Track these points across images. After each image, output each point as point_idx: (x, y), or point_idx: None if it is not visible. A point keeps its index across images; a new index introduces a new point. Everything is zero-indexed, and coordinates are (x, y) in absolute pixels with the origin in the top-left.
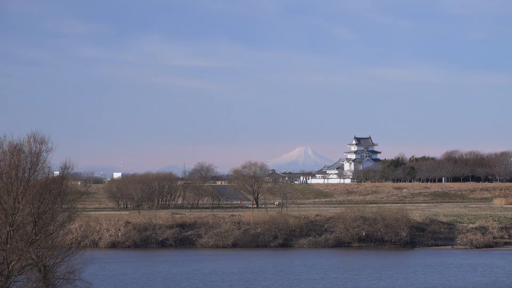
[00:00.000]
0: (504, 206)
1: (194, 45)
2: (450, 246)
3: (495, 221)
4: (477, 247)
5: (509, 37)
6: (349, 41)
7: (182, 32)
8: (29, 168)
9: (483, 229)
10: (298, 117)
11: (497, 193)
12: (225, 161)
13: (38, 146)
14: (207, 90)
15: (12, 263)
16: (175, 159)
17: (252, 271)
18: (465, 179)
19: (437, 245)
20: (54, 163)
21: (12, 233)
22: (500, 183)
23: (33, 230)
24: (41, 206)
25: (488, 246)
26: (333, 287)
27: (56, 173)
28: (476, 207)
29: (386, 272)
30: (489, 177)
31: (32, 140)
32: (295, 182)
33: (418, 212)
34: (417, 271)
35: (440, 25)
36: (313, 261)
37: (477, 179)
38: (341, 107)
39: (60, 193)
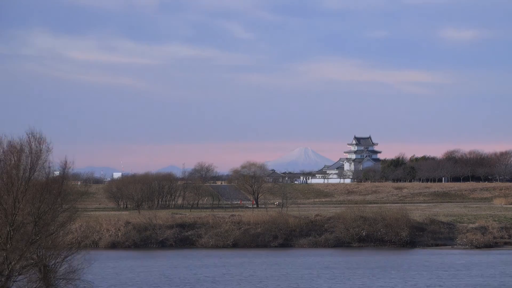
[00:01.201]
0: (504, 206)
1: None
2: (450, 246)
3: (495, 221)
4: (477, 247)
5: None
6: (248, 39)
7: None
8: (30, 168)
9: (483, 229)
10: (298, 117)
11: (497, 193)
12: (225, 161)
13: (38, 145)
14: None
15: (13, 263)
16: (174, 159)
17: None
18: (465, 179)
19: (437, 245)
20: (53, 163)
21: (12, 233)
22: (501, 183)
23: (34, 230)
24: (42, 206)
25: (488, 246)
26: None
27: (56, 173)
28: (476, 207)
29: (383, 271)
30: (489, 177)
31: (32, 139)
32: (295, 182)
33: (418, 212)
34: (416, 270)
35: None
36: (313, 260)
37: (477, 179)
38: (341, 107)
39: (61, 192)
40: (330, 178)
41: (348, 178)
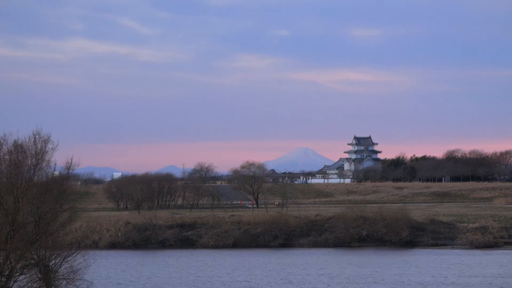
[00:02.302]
0: (505, 206)
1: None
2: (451, 246)
3: (495, 221)
4: (477, 247)
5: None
6: (152, 35)
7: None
8: (33, 167)
9: (483, 229)
10: (298, 117)
11: (498, 193)
12: (225, 161)
13: (42, 144)
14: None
15: (13, 263)
16: (174, 158)
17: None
18: (466, 179)
19: (438, 245)
20: (56, 162)
21: (12, 233)
22: (501, 183)
23: (34, 230)
24: (43, 206)
25: (488, 246)
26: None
27: (56, 173)
28: (477, 207)
29: (383, 270)
30: (490, 177)
31: (37, 138)
32: (295, 182)
33: (419, 212)
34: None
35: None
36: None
37: (477, 179)
38: (341, 107)
39: (62, 192)
40: (330, 178)
41: (348, 178)
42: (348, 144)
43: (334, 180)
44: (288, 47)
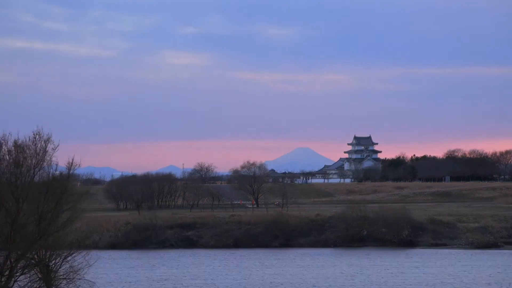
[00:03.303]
0: (507, 205)
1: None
2: (451, 246)
3: (495, 221)
4: (479, 247)
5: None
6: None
7: None
8: (34, 167)
9: (485, 229)
10: (298, 117)
11: (500, 193)
12: (225, 161)
13: (43, 144)
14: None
15: (14, 263)
16: (174, 158)
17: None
18: (467, 178)
19: (438, 245)
20: (58, 163)
21: (14, 233)
22: (503, 183)
23: (36, 230)
24: (44, 206)
25: (490, 246)
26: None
27: (57, 173)
28: (478, 206)
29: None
30: (492, 176)
31: (38, 137)
32: (296, 182)
33: (419, 212)
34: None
35: None
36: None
37: (478, 178)
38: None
39: (63, 192)
40: (330, 178)
41: (348, 178)
42: (348, 144)
43: (334, 180)
44: (206, 44)
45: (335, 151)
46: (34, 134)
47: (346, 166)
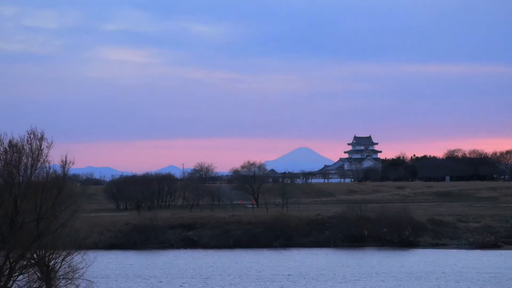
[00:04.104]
0: (509, 205)
1: None
2: (452, 246)
3: (495, 220)
4: (479, 247)
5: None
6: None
7: None
8: (31, 166)
9: (487, 229)
10: (298, 117)
11: (500, 193)
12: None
13: (38, 142)
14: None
15: (13, 262)
16: (174, 159)
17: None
18: (468, 178)
19: (439, 245)
20: (53, 161)
21: (13, 233)
22: (503, 183)
23: (35, 229)
24: (43, 205)
25: (490, 246)
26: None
27: (53, 171)
28: (480, 206)
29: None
30: (492, 176)
31: (32, 136)
32: (296, 181)
33: (420, 212)
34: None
35: None
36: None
37: (481, 178)
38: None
39: (60, 191)
40: (331, 178)
41: (349, 178)
42: (348, 144)
43: (334, 180)
44: (141, 42)
45: (335, 151)
46: (28, 133)
47: (346, 166)
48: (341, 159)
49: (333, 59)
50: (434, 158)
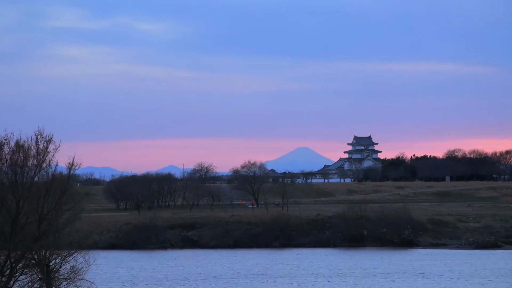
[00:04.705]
0: (509, 205)
1: None
2: (452, 246)
3: (495, 220)
4: (479, 247)
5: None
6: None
7: None
8: (36, 167)
9: (487, 229)
10: (298, 117)
11: (500, 193)
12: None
13: (45, 144)
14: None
15: (14, 263)
16: (174, 159)
17: None
18: (469, 178)
19: (439, 245)
20: (57, 163)
21: (14, 233)
22: (503, 183)
23: (37, 230)
24: (45, 206)
25: (490, 246)
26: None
27: (58, 173)
28: (480, 206)
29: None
30: (492, 176)
31: (39, 138)
32: (296, 181)
33: (421, 212)
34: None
35: None
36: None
37: (481, 178)
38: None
39: (64, 192)
40: (330, 178)
41: (349, 178)
42: (348, 144)
43: (334, 180)
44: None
45: (335, 151)
46: (35, 134)
47: (346, 166)
48: (341, 159)
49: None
50: (434, 158)
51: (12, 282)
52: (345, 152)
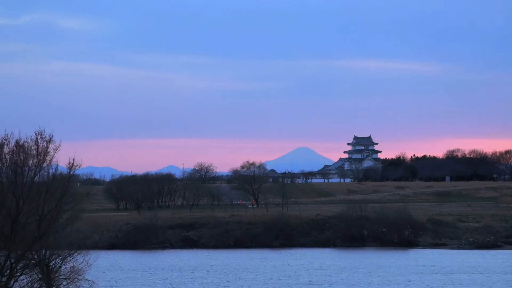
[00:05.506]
0: (509, 205)
1: None
2: (452, 246)
3: (495, 220)
4: (479, 247)
5: None
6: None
7: None
8: (36, 167)
9: (487, 229)
10: (298, 117)
11: (500, 193)
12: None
13: (45, 144)
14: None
15: (15, 263)
16: (174, 159)
17: None
18: (469, 178)
19: (439, 245)
20: (58, 163)
21: (14, 233)
22: (503, 183)
23: (37, 230)
24: (45, 206)
25: (490, 246)
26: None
27: (58, 173)
28: (480, 206)
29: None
30: (492, 176)
31: (39, 138)
32: (296, 181)
33: (421, 211)
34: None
35: None
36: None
37: (481, 178)
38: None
39: (64, 193)
40: (331, 178)
41: (349, 178)
42: (348, 144)
43: (334, 180)
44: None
45: (335, 151)
46: (36, 134)
47: (346, 166)
48: (341, 159)
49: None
50: (434, 158)
51: (12, 282)
52: (345, 152)
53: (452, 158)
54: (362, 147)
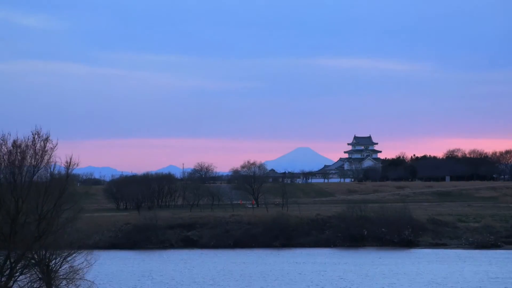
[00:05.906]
0: (509, 205)
1: None
2: (452, 246)
3: (495, 220)
4: (479, 247)
5: None
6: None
7: None
8: (34, 166)
9: (487, 229)
10: (298, 117)
11: (500, 192)
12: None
13: (43, 143)
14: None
15: (14, 263)
16: (174, 159)
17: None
18: (469, 178)
19: (439, 244)
20: (55, 162)
21: (14, 233)
22: (504, 182)
23: (36, 230)
24: (44, 206)
25: (490, 246)
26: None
27: (56, 172)
28: (480, 206)
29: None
30: (492, 176)
31: (36, 137)
32: (296, 181)
33: (421, 211)
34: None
35: None
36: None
37: (481, 178)
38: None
39: (63, 192)
40: (331, 178)
41: (349, 177)
42: (348, 144)
43: (334, 180)
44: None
45: (335, 151)
46: (33, 134)
47: (346, 166)
48: (341, 159)
49: None
50: (434, 158)
51: (12, 282)
52: (345, 152)
53: (452, 158)
54: (362, 147)
